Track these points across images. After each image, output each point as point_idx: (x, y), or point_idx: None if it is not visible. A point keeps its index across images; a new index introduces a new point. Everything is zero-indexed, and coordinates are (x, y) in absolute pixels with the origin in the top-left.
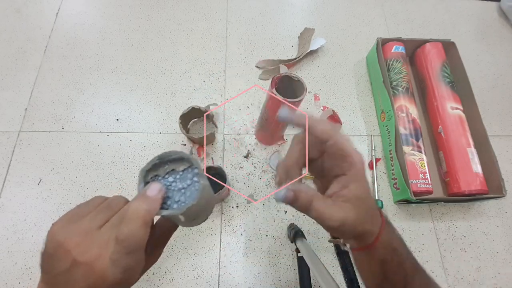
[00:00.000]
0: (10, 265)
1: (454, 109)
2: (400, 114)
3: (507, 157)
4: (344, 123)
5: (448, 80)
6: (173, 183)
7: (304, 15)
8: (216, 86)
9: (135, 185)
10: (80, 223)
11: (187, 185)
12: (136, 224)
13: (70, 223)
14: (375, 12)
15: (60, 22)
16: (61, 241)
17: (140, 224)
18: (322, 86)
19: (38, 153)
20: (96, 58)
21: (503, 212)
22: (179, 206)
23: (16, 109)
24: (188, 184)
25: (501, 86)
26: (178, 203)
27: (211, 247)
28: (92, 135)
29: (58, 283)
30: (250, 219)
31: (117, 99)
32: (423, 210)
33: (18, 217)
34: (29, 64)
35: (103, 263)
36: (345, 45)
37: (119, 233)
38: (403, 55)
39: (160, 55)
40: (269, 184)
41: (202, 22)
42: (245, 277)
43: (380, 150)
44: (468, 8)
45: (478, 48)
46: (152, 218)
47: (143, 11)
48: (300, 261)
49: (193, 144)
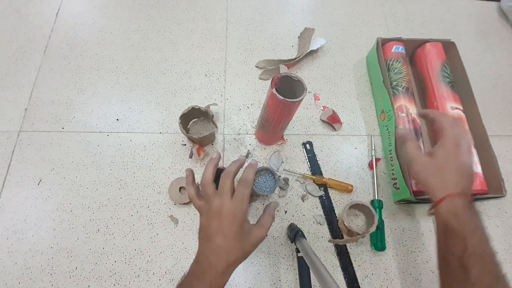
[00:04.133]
0: (10, 265)
1: (454, 109)
2: (400, 114)
3: (507, 157)
4: (344, 123)
5: (448, 80)
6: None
7: (304, 15)
8: (216, 86)
9: (135, 185)
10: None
11: (268, 181)
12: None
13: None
14: (375, 12)
15: (60, 22)
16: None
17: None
18: (322, 86)
19: (38, 153)
20: (96, 58)
21: (503, 212)
22: (266, 191)
23: (16, 109)
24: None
25: (501, 86)
26: (264, 189)
27: None
28: (92, 135)
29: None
30: (250, 219)
31: (117, 99)
32: (423, 210)
33: (18, 217)
34: (29, 64)
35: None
36: (345, 45)
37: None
38: (403, 55)
39: (160, 55)
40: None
41: (202, 22)
42: (245, 277)
43: (380, 150)
44: (468, 8)
45: (478, 48)
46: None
47: (143, 11)
48: (300, 261)
49: (193, 144)
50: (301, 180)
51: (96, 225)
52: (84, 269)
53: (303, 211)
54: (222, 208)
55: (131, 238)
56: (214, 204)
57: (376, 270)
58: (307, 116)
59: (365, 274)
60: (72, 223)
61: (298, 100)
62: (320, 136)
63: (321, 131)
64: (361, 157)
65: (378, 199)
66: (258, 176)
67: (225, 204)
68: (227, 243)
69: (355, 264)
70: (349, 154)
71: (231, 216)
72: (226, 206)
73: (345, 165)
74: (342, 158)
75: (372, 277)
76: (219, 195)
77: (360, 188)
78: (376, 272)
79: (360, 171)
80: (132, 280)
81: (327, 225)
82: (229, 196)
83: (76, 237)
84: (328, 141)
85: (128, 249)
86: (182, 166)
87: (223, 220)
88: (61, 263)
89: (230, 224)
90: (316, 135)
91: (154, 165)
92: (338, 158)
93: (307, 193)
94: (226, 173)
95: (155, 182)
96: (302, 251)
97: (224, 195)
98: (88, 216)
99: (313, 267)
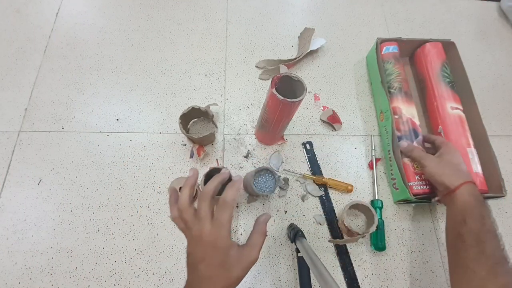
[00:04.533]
0: (10, 265)
1: (454, 109)
2: (394, 116)
3: (507, 157)
4: (344, 123)
5: (448, 80)
6: (262, 180)
7: (304, 15)
8: (216, 86)
9: (135, 185)
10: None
11: (268, 181)
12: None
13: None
14: (375, 12)
15: (60, 22)
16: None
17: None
18: (322, 86)
19: (38, 153)
20: (96, 58)
21: (503, 212)
22: (266, 191)
23: (16, 109)
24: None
25: (501, 86)
26: (264, 189)
27: None
28: (92, 135)
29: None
30: (250, 219)
31: (117, 99)
32: (423, 210)
33: (18, 217)
34: (29, 64)
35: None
36: (345, 45)
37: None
38: (396, 55)
39: (160, 55)
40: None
41: (202, 22)
42: (245, 277)
43: (380, 150)
44: (468, 8)
45: (478, 48)
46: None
47: (143, 11)
48: (300, 261)
49: (193, 144)
50: (301, 180)
51: (96, 225)
52: (84, 269)
53: (303, 211)
54: (202, 235)
55: (131, 238)
56: (194, 231)
57: (376, 270)
58: (307, 116)
59: (365, 274)
60: (72, 223)
61: (298, 100)
62: (320, 136)
63: (321, 131)
64: (361, 157)
65: (378, 199)
66: (258, 176)
67: (204, 231)
68: (212, 273)
69: (355, 264)
70: (349, 154)
71: (211, 244)
72: (205, 233)
73: (345, 165)
74: (342, 158)
75: (372, 277)
76: (197, 221)
77: (360, 188)
78: (376, 272)
79: (360, 171)
80: (132, 280)
81: (327, 225)
82: (208, 221)
83: (76, 237)
84: (328, 141)
85: (128, 249)
86: (182, 166)
87: (205, 248)
88: (61, 263)
89: (212, 252)
90: (316, 135)
91: (154, 165)
92: (338, 158)
93: (307, 193)
94: (203, 195)
95: (155, 182)
96: (302, 251)
97: (203, 221)
98: (88, 216)
99: (313, 267)
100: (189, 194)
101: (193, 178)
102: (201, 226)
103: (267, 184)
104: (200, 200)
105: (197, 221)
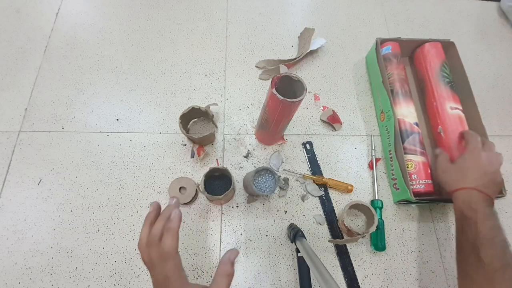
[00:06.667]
0: (10, 265)
1: (453, 109)
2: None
3: (507, 157)
4: (344, 123)
5: (448, 80)
6: (262, 180)
7: (304, 15)
8: (216, 86)
9: (135, 185)
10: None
11: (268, 181)
12: None
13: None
14: (375, 12)
15: (60, 22)
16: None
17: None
18: (322, 86)
19: (38, 153)
20: (96, 58)
21: (503, 212)
22: (266, 191)
23: (16, 109)
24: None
25: (501, 86)
26: (264, 189)
27: (211, 247)
28: (92, 135)
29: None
30: (250, 219)
31: (117, 99)
32: (423, 210)
33: (18, 217)
34: (29, 64)
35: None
36: (345, 45)
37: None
38: (389, 55)
39: (160, 55)
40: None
41: (202, 22)
42: (245, 277)
43: (380, 150)
44: (468, 8)
45: (478, 48)
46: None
47: (143, 11)
48: (300, 261)
49: (193, 144)
50: (301, 180)
51: (96, 225)
52: (84, 269)
53: (303, 211)
54: (157, 277)
55: (131, 238)
56: (151, 273)
57: (376, 270)
58: (307, 116)
59: (365, 274)
60: (72, 223)
61: (298, 100)
62: (320, 136)
63: (321, 131)
64: (361, 157)
65: (378, 199)
66: (258, 176)
67: (157, 273)
68: None
69: (355, 264)
70: (349, 154)
71: (163, 285)
72: (158, 276)
73: (345, 165)
74: (342, 158)
75: (372, 277)
76: (149, 264)
77: (360, 188)
78: (376, 272)
79: (360, 171)
80: (132, 280)
81: (327, 225)
82: (159, 263)
83: (76, 237)
84: (328, 141)
85: (128, 249)
86: (182, 166)
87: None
88: (61, 263)
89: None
90: (316, 135)
91: (154, 165)
92: (338, 158)
93: (307, 193)
94: (150, 242)
95: (155, 182)
96: (302, 251)
97: (155, 263)
98: (88, 216)
99: (313, 267)
100: (147, 232)
101: (153, 214)
102: (153, 267)
103: (267, 184)
104: (149, 245)
105: (149, 265)
